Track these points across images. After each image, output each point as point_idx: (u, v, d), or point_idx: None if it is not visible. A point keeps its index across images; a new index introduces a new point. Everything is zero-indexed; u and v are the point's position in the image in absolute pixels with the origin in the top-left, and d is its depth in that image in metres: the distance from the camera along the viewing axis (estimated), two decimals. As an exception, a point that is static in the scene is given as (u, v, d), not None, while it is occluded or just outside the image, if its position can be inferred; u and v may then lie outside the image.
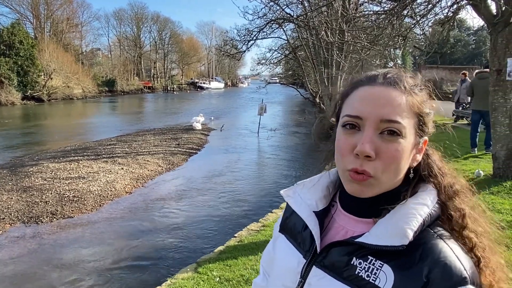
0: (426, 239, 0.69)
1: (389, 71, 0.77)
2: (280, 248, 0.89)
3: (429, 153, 0.81)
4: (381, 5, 6.77)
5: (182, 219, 6.90)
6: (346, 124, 0.74)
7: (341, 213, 0.82)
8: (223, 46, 18.26)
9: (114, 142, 13.99)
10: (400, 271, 0.68)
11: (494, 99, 5.63)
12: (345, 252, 0.74)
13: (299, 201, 0.86)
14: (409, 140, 0.72)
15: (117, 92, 51.41)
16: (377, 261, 0.70)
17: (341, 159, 0.74)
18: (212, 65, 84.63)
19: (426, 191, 0.75)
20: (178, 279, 3.91)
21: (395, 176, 0.73)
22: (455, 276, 0.65)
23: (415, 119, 0.74)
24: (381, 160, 0.70)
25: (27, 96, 34.90)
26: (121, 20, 64.80)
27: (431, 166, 0.79)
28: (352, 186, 0.73)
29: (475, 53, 39.22)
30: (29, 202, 7.30)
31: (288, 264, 0.83)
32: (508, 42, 5.35)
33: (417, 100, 0.74)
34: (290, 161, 12.24)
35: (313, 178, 0.90)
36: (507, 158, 5.63)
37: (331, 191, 0.86)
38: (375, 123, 0.71)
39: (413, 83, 0.76)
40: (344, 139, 0.74)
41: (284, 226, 0.91)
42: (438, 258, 0.67)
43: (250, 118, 22.47)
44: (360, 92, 0.75)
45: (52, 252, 5.56)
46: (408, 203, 0.73)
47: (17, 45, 34.35)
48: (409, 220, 0.70)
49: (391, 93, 0.73)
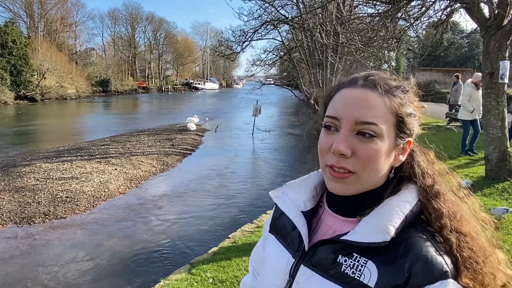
0: (408, 236, 0.72)
1: (371, 73, 0.79)
2: (270, 248, 0.91)
3: (414, 154, 0.82)
4: (375, 8, 6.81)
5: (176, 220, 6.88)
6: (326, 124, 0.77)
7: (328, 213, 0.84)
8: (218, 47, 18.26)
9: (107, 143, 13.91)
10: (383, 266, 0.70)
11: (487, 102, 5.68)
12: (332, 250, 0.76)
13: (288, 201, 0.87)
14: (387, 141, 0.74)
15: (111, 92, 51.12)
16: (362, 258, 0.72)
17: (321, 156, 0.78)
18: (207, 65, 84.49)
19: (408, 190, 0.78)
20: (172, 280, 3.90)
21: (374, 175, 0.75)
22: (436, 270, 0.67)
23: (393, 120, 0.75)
24: (358, 158, 0.73)
25: (20, 95, 34.61)
26: (115, 20, 64.57)
27: (413, 167, 0.80)
28: (332, 184, 0.76)
29: (468, 56, 39.48)
30: (21, 202, 7.23)
31: (278, 263, 0.84)
32: (501, 45, 5.41)
33: (396, 102, 0.75)
34: (285, 162, 12.25)
35: (301, 179, 0.92)
36: (499, 160, 5.69)
37: (318, 191, 0.88)
38: (350, 124, 0.74)
39: (394, 85, 0.77)
40: (324, 138, 0.77)
41: (274, 226, 0.92)
42: (419, 253, 0.69)
43: (244, 119, 22.45)
44: (341, 94, 0.78)
45: (44, 253, 5.52)
46: (391, 201, 0.75)
47: (10, 44, 34.04)
48: (391, 217, 0.72)
49: (368, 95, 0.75)
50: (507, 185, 5.51)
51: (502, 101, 5.59)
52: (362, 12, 9.16)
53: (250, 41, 14.29)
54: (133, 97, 51.16)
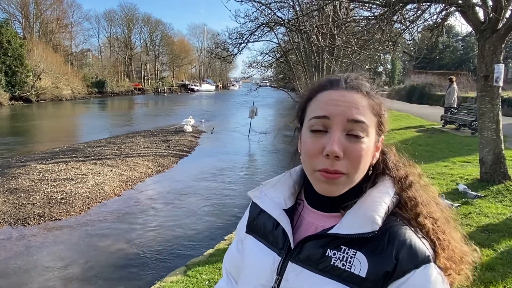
0: (391, 224, 0.75)
1: (349, 75, 0.83)
2: (250, 249, 0.90)
3: (384, 150, 0.86)
4: (371, 11, 6.83)
5: (171, 222, 6.86)
6: (313, 126, 0.78)
7: (308, 210, 0.85)
8: (214, 49, 18.26)
9: (103, 144, 13.86)
10: (372, 256, 0.73)
11: (482, 105, 5.71)
12: (319, 245, 0.77)
13: (267, 200, 0.88)
14: (371, 139, 0.78)
15: (107, 94, 50.99)
16: (350, 250, 0.74)
17: (309, 161, 0.78)
18: (203, 67, 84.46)
19: (384, 182, 0.82)
20: (167, 282, 3.88)
21: (361, 174, 0.78)
22: (420, 255, 0.71)
23: (375, 120, 0.79)
24: (349, 159, 0.75)
25: (15, 96, 34.46)
26: (111, 21, 64.42)
27: (387, 162, 0.85)
28: (323, 186, 0.77)
29: (463, 59, 39.73)
30: (16, 204, 7.19)
31: (261, 263, 0.84)
32: (495, 48, 5.44)
33: (375, 103, 0.80)
34: (280, 164, 12.24)
35: (278, 178, 0.92)
36: (494, 163, 5.72)
37: (296, 189, 0.89)
38: (342, 123, 0.75)
39: (369, 87, 0.81)
40: (311, 141, 0.77)
41: (252, 227, 0.92)
42: (404, 240, 0.73)
43: (241, 120, 22.45)
44: (325, 95, 0.79)
45: (39, 255, 5.48)
46: (372, 193, 0.79)
47: (5, 45, 33.88)
48: (376, 208, 0.75)
49: (354, 96, 0.78)
50: (501, 188, 5.54)
51: (497, 104, 5.62)
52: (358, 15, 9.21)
53: (247, 43, 14.28)
54: (129, 98, 51.02)
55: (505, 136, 6.19)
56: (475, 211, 4.83)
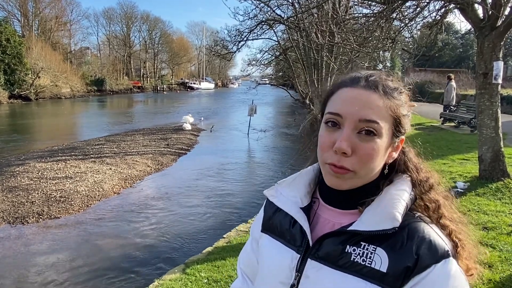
0: (409, 221, 0.77)
1: (372, 73, 0.82)
2: (266, 247, 0.91)
3: (405, 151, 0.87)
4: (370, 8, 6.81)
5: (170, 220, 6.86)
6: (328, 121, 0.79)
7: (324, 208, 0.86)
8: (213, 47, 18.22)
9: (102, 142, 13.85)
10: (392, 251, 0.74)
11: (481, 102, 5.70)
12: (338, 241, 0.78)
13: (284, 199, 0.89)
14: (385, 139, 0.78)
15: (106, 92, 50.96)
16: (370, 246, 0.75)
17: (321, 153, 0.80)
18: (202, 65, 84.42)
19: (401, 180, 0.83)
20: (166, 280, 3.88)
21: (371, 172, 0.79)
22: (440, 250, 0.73)
23: (391, 121, 0.79)
24: (358, 156, 0.76)
25: (14, 95, 34.42)
26: (110, 19, 64.42)
27: (407, 163, 0.86)
28: (332, 179, 0.79)
29: (463, 57, 39.67)
30: (14, 202, 7.18)
31: (280, 261, 0.85)
32: (495, 46, 5.43)
33: (394, 104, 0.79)
34: (280, 162, 12.26)
35: (293, 176, 0.93)
36: (493, 160, 5.72)
37: (312, 187, 0.90)
38: (353, 122, 0.76)
39: (392, 87, 0.81)
40: (325, 135, 0.79)
41: (268, 225, 0.93)
42: (423, 235, 0.74)
43: (240, 119, 22.44)
44: (343, 92, 0.81)
45: (38, 253, 5.48)
46: (390, 190, 0.80)
47: (4, 43, 33.82)
48: (395, 205, 0.76)
49: (370, 96, 0.78)
50: (500, 185, 5.54)
51: (496, 102, 5.61)
52: (357, 12, 9.19)
53: (246, 40, 14.24)
54: (128, 96, 50.98)
55: (504, 133, 6.19)
56: (474, 208, 4.83)
